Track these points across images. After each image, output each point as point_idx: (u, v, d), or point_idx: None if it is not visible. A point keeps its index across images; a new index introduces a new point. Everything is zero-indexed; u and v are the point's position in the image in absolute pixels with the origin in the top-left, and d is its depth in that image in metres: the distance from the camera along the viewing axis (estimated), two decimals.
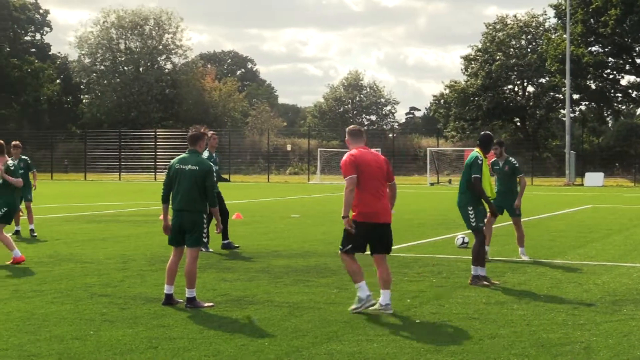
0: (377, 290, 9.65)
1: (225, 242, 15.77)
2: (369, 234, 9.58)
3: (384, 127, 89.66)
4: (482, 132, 12.81)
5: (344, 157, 9.74)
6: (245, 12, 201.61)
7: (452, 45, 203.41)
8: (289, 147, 73.84)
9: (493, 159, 14.56)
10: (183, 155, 10.13)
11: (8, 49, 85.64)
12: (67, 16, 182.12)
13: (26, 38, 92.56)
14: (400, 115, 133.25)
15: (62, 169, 71.01)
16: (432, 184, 56.15)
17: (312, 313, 9.46)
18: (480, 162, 11.83)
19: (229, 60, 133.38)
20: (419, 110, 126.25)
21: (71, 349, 7.66)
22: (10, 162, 13.86)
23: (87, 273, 12.48)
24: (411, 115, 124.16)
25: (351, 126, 10.15)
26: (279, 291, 10.90)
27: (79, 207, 28.02)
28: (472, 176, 11.75)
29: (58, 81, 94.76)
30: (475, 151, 12.10)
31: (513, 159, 14.86)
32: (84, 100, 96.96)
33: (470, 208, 11.76)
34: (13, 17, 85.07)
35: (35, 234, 17.90)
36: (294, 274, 12.42)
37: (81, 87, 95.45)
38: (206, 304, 9.79)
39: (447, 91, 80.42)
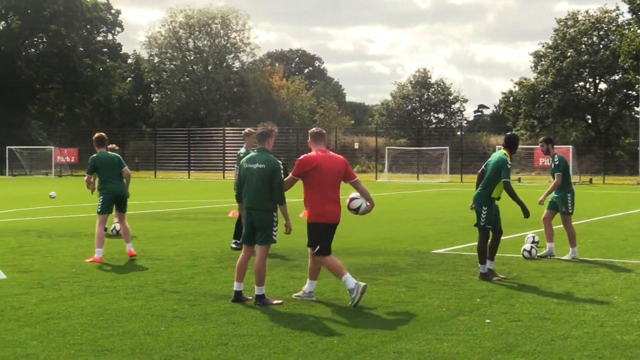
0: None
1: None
2: (330, 232, 10.07)
3: (452, 125, 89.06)
4: (509, 134, 12.67)
5: (300, 157, 10.25)
6: (312, 10, 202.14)
7: (522, 42, 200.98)
8: (356, 145, 73.78)
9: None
10: (252, 153, 10.18)
11: (81, 48, 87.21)
12: (137, 16, 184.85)
13: (98, 38, 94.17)
14: (469, 113, 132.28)
15: (132, 167, 71.83)
16: None
17: (380, 311, 9.43)
18: (509, 166, 11.89)
19: (297, 58, 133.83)
20: (488, 108, 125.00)
21: (143, 344, 7.76)
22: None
23: (158, 270, 12.64)
24: (479, 113, 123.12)
25: (313, 129, 10.60)
26: (347, 289, 10.87)
27: (148, 205, 28.39)
28: (503, 180, 11.80)
29: (129, 80, 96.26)
30: (503, 153, 11.98)
31: (556, 157, 14.43)
32: (154, 99, 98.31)
33: (485, 208, 11.92)
34: (86, 17, 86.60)
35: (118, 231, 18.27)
36: (363, 272, 12.39)
37: (151, 85, 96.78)
38: (275, 302, 9.83)
39: (517, 89, 79.43)
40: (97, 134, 14.28)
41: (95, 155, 14.05)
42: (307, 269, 10.38)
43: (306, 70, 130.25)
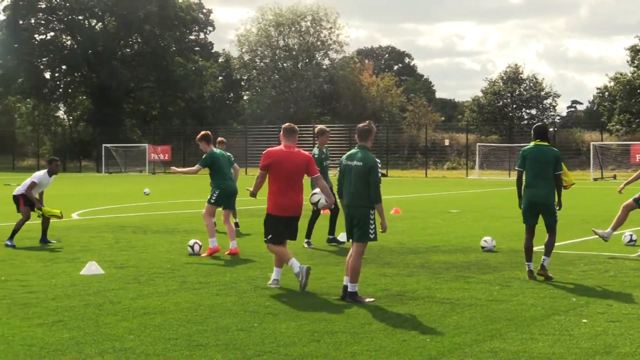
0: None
1: (331, 237, 15.78)
2: (280, 224, 10.68)
3: (545, 120, 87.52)
4: (539, 124, 12.28)
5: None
6: (401, 7, 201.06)
7: (616, 36, 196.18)
8: (446, 142, 73.17)
9: None
10: (352, 151, 10.17)
11: (174, 48, 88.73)
12: (228, 15, 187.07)
13: (190, 37, 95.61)
14: (561, 108, 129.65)
15: None
16: (595, 180, 54.37)
17: (473, 310, 9.32)
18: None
19: (386, 55, 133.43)
20: (581, 103, 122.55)
21: (237, 340, 7.83)
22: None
23: (250, 266, 12.76)
24: (572, 109, 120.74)
25: (285, 124, 11.13)
26: (439, 287, 10.81)
27: (239, 202, 28.66)
28: (557, 173, 11.56)
29: (220, 78, 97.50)
30: (550, 146, 11.63)
31: None
32: (244, 97, 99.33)
33: (556, 207, 11.63)
34: (179, 17, 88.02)
35: (238, 227, 18.57)
36: (454, 270, 12.28)
37: (242, 83, 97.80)
38: (367, 299, 9.81)
39: (612, 84, 77.61)
40: (203, 132, 14.55)
41: (211, 151, 14.33)
42: (399, 266, 10.34)
43: (396, 67, 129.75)
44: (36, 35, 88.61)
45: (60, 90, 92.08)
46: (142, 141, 78.50)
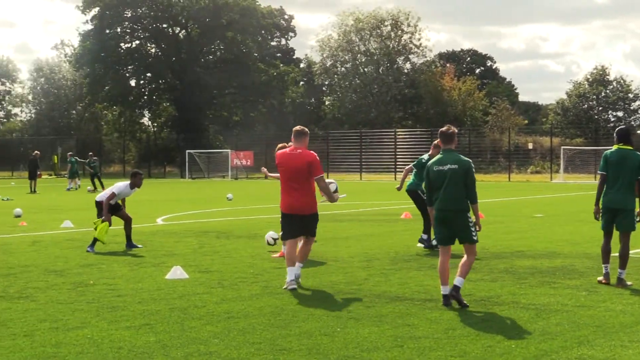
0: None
1: (425, 236, 15.59)
2: (288, 221, 11.33)
3: (632, 123, 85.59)
4: (622, 127, 11.88)
5: None
6: (483, 9, 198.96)
7: None
8: (530, 145, 72.12)
9: None
10: (438, 156, 10.07)
11: (256, 54, 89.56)
12: (308, 21, 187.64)
13: (272, 43, 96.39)
14: None
15: None
16: None
17: (560, 316, 9.15)
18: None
19: (468, 58, 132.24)
20: None
21: (320, 345, 7.84)
22: None
23: (332, 271, 12.77)
24: None
25: (296, 127, 11.76)
26: (524, 292, 10.65)
27: (321, 206, 28.76)
28: (638, 178, 11.21)
29: (302, 84, 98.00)
30: (633, 150, 11.25)
31: None
32: (325, 102, 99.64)
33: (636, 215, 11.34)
34: (261, 24, 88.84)
35: None
36: (540, 275, 12.08)
37: (323, 88, 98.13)
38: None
39: None
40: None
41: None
42: (483, 271, 10.23)
43: (478, 70, 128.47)
44: (122, 44, 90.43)
45: (145, 97, 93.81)
46: (224, 147, 79.41)
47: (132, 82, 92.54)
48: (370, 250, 15.42)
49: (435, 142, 15.53)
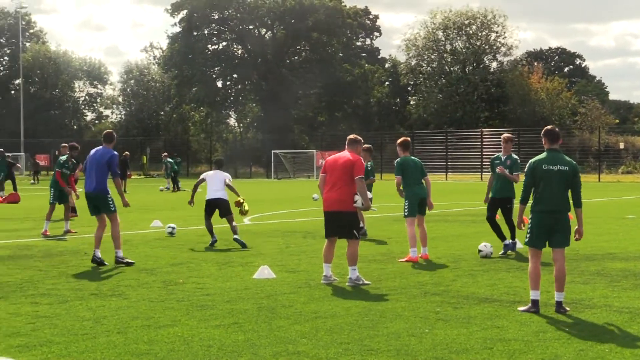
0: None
1: (512, 242, 15.10)
2: (326, 219, 11.76)
3: None
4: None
5: None
6: (571, 6, 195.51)
7: None
8: (621, 145, 70.53)
9: None
10: (544, 155, 9.80)
11: (341, 54, 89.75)
12: (392, 20, 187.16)
13: (357, 43, 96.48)
14: None
15: (390, 169, 73.00)
16: None
17: None
18: None
19: (556, 57, 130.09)
20: None
21: (408, 346, 7.80)
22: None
23: (419, 271, 12.71)
24: None
25: (351, 135, 12.11)
26: (617, 295, 10.42)
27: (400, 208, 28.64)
28: None
29: (387, 84, 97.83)
30: None
31: None
32: (411, 102, 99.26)
33: None
34: (346, 24, 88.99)
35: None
36: (633, 278, 11.80)
37: (408, 88, 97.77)
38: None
39: None
40: (402, 139, 14.63)
41: (400, 159, 14.43)
42: (573, 273, 10.03)
43: (566, 69, 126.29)
44: (209, 46, 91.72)
45: (231, 98, 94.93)
46: (309, 147, 79.80)
47: (219, 83, 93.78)
48: (457, 251, 15.29)
49: (505, 136, 15.37)
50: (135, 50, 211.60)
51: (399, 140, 14.67)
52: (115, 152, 14.53)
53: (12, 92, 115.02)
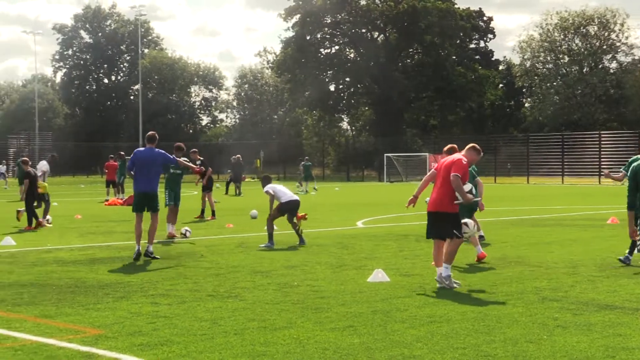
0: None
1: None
2: (427, 221, 11.98)
3: None
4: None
5: None
6: None
7: None
8: None
9: None
10: None
11: (454, 57, 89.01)
12: (506, 21, 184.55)
13: (471, 46, 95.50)
14: None
15: (504, 173, 72.01)
16: None
17: None
18: None
19: None
20: None
21: (526, 352, 7.65)
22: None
23: (536, 276, 12.46)
24: None
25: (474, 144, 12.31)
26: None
27: (522, 211, 28.17)
28: None
29: (501, 86, 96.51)
30: None
31: None
32: (525, 104, 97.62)
33: None
34: (460, 26, 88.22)
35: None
36: None
37: (523, 91, 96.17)
38: None
39: None
40: (449, 146, 14.43)
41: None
42: None
43: None
44: (322, 50, 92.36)
45: (344, 101, 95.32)
46: (422, 150, 79.38)
47: (331, 87, 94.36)
48: (575, 256, 14.93)
49: None
50: (248, 54, 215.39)
51: (446, 148, 14.41)
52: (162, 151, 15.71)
53: (132, 97, 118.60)
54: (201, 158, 25.37)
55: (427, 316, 9.39)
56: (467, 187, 12.19)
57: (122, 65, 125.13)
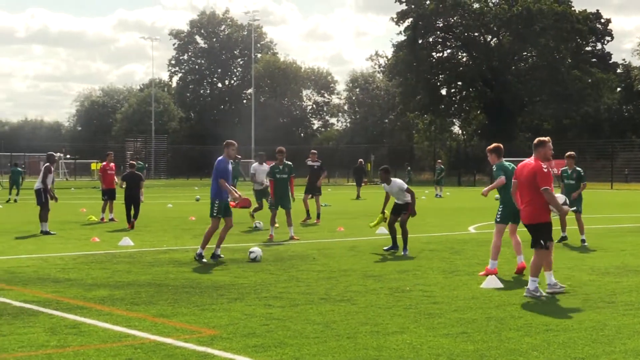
0: None
1: None
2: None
3: None
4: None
5: None
6: None
7: None
8: None
9: None
10: None
11: (569, 60, 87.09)
12: (624, 23, 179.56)
13: (587, 48, 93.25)
14: None
15: (622, 179, 70.06)
16: None
17: None
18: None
19: None
20: None
21: None
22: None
23: None
24: None
25: (537, 139, 11.58)
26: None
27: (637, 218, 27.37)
28: None
29: (618, 90, 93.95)
30: None
31: None
32: None
33: None
34: (576, 29, 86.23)
35: (585, 244, 18.06)
36: None
37: None
38: None
39: None
40: (494, 145, 14.09)
41: (499, 163, 13.88)
42: None
43: None
44: (434, 53, 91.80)
45: (456, 105, 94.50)
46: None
47: (443, 91, 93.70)
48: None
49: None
50: (359, 58, 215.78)
51: (491, 147, 13.97)
52: (220, 158, 15.72)
53: (244, 101, 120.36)
54: (319, 160, 25.58)
55: (542, 324, 9.20)
56: (561, 199, 11.71)
57: (235, 70, 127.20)
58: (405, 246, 16.43)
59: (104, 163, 27.29)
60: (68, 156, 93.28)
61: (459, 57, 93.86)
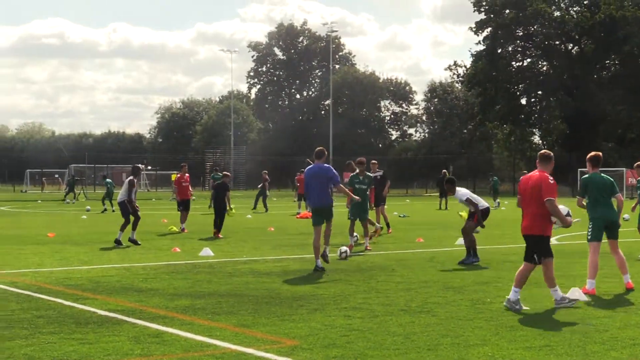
0: None
1: None
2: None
3: None
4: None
5: None
6: None
7: None
8: None
9: None
10: None
11: None
12: None
13: None
14: None
15: None
16: None
17: None
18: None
19: None
20: None
21: None
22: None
23: None
24: None
25: (541, 151, 11.65)
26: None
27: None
28: None
29: None
30: None
31: None
32: None
33: None
34: None
35: None
36: None
37: None
38: None
39: None
40: (592, 154, 13.48)
41: (586, 176, 13.39)
42: None
43: None
44: (513, 63, 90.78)
45: (536, 115, 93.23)
46: (618, 165, 76.35)
47: (523, 100, 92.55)
48: None
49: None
50: (436, 68, 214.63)
51: (588, 156, 13.41)
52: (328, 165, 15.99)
53: (322, 112, 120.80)
54: (380, 170, 25.40)
55: (629, 338, 9.00)
56: (564, 210, 11.51)
57: (313, 81, 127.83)
58: (469, 253, 16.45)
59: (179, 175, 27.75)
60: (149, 167, 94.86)
61: (539, 66, 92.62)
